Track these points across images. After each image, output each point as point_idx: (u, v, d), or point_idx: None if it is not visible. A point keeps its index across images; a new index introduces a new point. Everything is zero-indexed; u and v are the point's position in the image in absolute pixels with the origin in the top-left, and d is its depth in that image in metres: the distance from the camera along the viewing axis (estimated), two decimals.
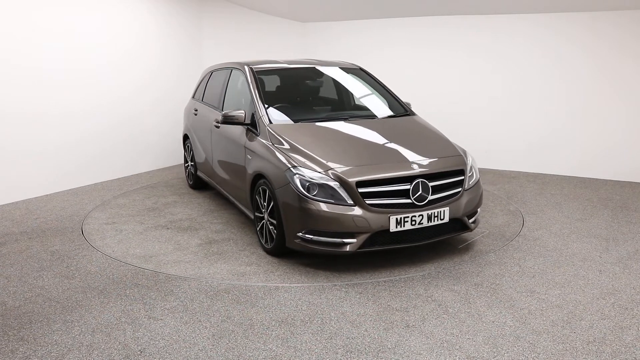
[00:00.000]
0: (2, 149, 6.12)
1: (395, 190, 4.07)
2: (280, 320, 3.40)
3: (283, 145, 4.46)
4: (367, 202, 3.99)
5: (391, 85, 8.86)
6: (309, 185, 4.04)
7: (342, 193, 4.00)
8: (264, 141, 4.65)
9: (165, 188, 7.10)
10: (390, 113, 5.34)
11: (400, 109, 5.44)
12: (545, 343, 3.10)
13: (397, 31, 8.96)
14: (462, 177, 4.40)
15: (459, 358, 2.94)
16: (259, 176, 4.60)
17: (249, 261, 4.44)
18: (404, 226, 4.04)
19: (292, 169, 4.17)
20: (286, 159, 4.28)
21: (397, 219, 4.01)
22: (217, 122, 5.64)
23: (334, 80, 5.90)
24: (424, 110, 8.79)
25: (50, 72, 6.55)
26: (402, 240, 4.14)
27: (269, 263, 4.38)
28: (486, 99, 8.33)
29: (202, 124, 6.26)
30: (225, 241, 4.96)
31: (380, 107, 5.49)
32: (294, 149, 4.36)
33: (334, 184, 4.02)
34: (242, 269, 4.27)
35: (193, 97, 6.97)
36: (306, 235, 4.07)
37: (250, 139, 4.86)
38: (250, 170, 4.74)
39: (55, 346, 3.10)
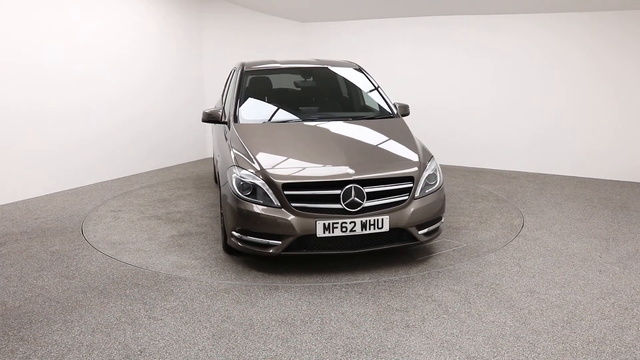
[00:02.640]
0: (2, 148, 6.12)
1: (324, 194, 3.96)
2: (280, 320, 3.40)
3: (238, 144, 4.49)
4: (293, 205, 3.93)
5: (391, 85, 8.87)
6: (242, 185, 4.08)
7: (270, 194, 3.97)
8: (228, 139, 4.72)
9: (192, 181, 7.37)
10: (373, 115, 5.26)
11: (386, 111, 5.29)
12: (545, 343, 3.10)
13: (397, 31, 8.96)
14: (411, 185, 4.14)
15: (459, 358, 2.94)
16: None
17: (199, 255, 4.55)
18: (333, 232, 3.91)
19: (231, 167, 4.24)
20: (232, 157, 4.34)
21: (324, 224, 3.88)
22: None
23: (326, 80, 5.90)
24: (424, 110, 8.80)
25: (50, 72, 6.55)
26: (334, 247, 4.01)
27: (213, 259, 4.48)
28: (486, 98, 8.33)
29: None
30: (198, 235, 5.08)
31: (364, 109, 5.45)
32: (243, 148, 4.38)
33: (262, 184, 4.01)
34: (186, 262, 4.41)
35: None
36: (238, 234, 4.10)
37: (225, 137, 4.93)
38: (218, 166, 4.87)
39: (55, 346, 3.10)
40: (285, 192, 3.94)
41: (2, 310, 3.56)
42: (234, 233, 4.13)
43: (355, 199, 3.93)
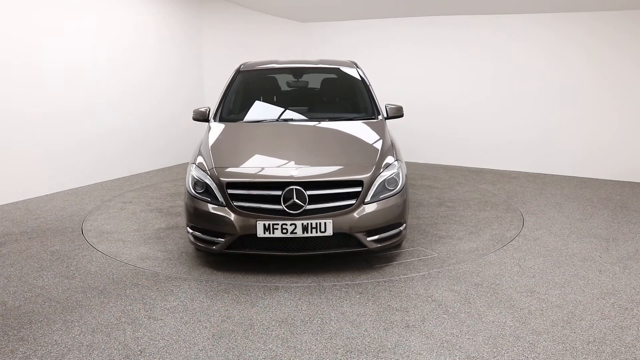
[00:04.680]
0: (2, 148, 6.12)
1: (266, 195, 3.95)
2: (280, 320, 3.39)
3: (206, 142, 4.60)
4: (235, 204, 3.96)
5: (391, 85, 8.88)
6: (195, 182, 4.18)
7: (217, 192, 4.04)
8: (203, 137, 4.82)
9: None
10: (356, 116, 5.15)
11: (370, 112, 5.18)
12: (545, 343, 3.09)
13: (396, 31, 8.97)
14: (359, 189, 4.01)
15: (459, 358, 2.94)
16: None
17: (169, 249, 4.72)
18: (273, 233, 3.89)
19: (191, 164, 4.36)
20: (195, 155, 4.46)
21: (264, 224, 3.88)
22: None
23: (317, 80, 5.91)
24: (424, 110, 8.80)
25: (50, 72, 6.55)
26: (276, 248, 4.00)
27: (179, 253, 4.62)
28: (486, 98, 8.33)
29: None
30: (183, 229, 5.24)
31: (350, 109, 5.41)
32: (207, 147, 4.48)
33: (210, 182, 4.09)
34: (152, 254, 4.59)
35: None
36: (191, 230, 4.22)
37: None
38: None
39: (55, 346, 3.10)
40: (229, 191, 4.00)
41: (2, 310, 3.55)
42: (187, 229, 4.26)
43: (297, 201, 3.89)
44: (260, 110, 5.30)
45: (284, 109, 5.34)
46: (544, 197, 6.50)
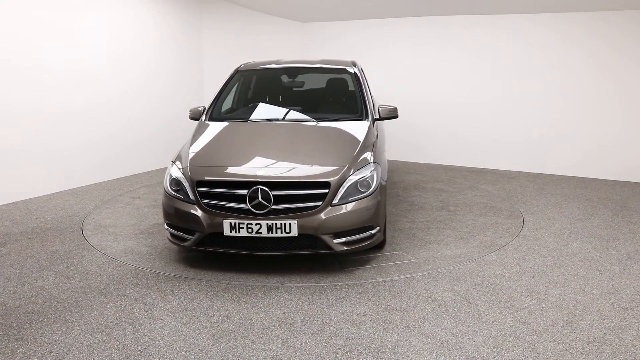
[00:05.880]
0: (2, 148, 6.12)
1: (232, 194, 3.98)
2: (280, 320, 3.39)
3: (189, 140, 4.69)
4: (204, 202, 4.03)
5: (391, 85, 8.87)
6: (172, 180, 4.27)
7: (189, 190, 4.12)
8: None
9: None
10: (342, 116, 5.06)
11: (359, 113, 5.10)
12: (545, 343, 3.10)
13: (397, 31, 8.97)
14: (326, 191, 3.95)
15: (459, 358, 2.94)
16: None
17: (155, 244, 4.82)
18: (239, 232, 3.92)
19: (170, 163, 4.45)
20: (176, 154, 4.57)
21: (231, 223, 3.92)
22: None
23: (313, 80, 5.94)
24: (424, 110, 8.80)
25: (50, 72, 6.55)
26: (243, 247, 4.03)
27: (162, 249, 4.71)
28: (486, 98, 8.34)
29: None
30: None
31: (341, 110, 5.39)
32: (188, 145, 4.57)
33: (183, 180, 4.17)
34: (137, 249, 4.71)
35: None
36: (166, 227, 4.34)
37: None
38: None
39: (55, 346, 3.10)
40: (199, 189, 4.07)
41: (2, 310, 3.55)
42: (165, 225, 4.35)
43: (262, 200, 3.91)
44: (250, 111, 5.33)
45: (273, 110, 5.36)
46: (544, 197, 6.50)
